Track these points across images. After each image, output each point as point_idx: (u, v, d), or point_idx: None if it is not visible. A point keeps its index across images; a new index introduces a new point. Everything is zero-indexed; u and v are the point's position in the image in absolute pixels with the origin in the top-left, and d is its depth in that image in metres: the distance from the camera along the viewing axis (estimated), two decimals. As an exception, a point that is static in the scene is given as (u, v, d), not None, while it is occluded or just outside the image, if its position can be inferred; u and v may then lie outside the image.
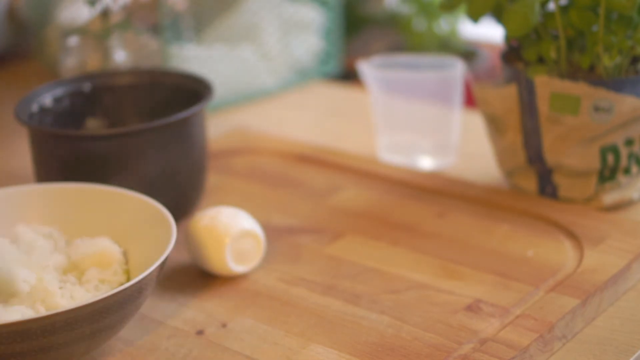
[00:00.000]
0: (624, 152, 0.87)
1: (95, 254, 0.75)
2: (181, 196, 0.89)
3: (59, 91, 0.94)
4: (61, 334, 0.64)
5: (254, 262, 0.81)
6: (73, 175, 0.85)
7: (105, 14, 1.12)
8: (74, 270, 0.75)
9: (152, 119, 0.94)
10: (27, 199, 0.80)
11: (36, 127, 0.87)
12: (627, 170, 0.88)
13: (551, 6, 0.87)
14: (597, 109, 0.85)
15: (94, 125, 0.96)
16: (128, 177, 0.85)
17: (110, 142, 0.85)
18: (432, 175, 0.97)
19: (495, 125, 0.92)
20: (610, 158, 0.87)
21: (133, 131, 0.85)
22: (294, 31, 1.28)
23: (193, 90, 0.93)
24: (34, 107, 0.90)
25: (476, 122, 1.06)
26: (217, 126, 1.13)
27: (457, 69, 0.99)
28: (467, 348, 0.70)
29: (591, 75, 0.86)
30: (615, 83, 0.84)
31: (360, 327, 0.73)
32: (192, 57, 1.17)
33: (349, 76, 1.39)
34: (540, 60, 0.89)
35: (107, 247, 0.75)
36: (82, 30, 1.16)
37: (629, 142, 0.87)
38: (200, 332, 0.74)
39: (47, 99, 0.92)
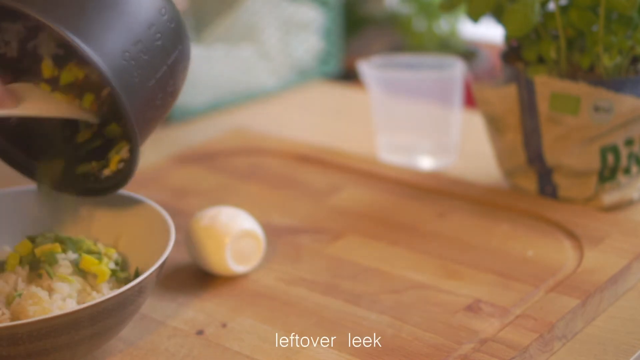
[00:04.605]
0: (624, 152, 0.87)
1: None
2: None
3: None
4: (63, 336, 0.64)
5: (254, 262, 0.81)
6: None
7: (105, 14, 1.12)
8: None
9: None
10: (24, 200, 0.80)
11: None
12: (627, 170, 0.88)
13: (551, 6, 0.87)
14: (597, 109, 0.85)
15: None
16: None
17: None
18: (432, 175, 0.97)
19: (495, 125, 0.92)
20: (610, 158, 0.87)
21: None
22: (294, 31, 1.27)
23: None
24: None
25: (476, 122, 1.06)
26: (217, 126, 1.13)
27: (457, 69, 0.99)
28: (467, 348, 0.70)
29: (591, 75, 0.86)
30: (615, 83, 0.84)
31: (360, 327, 0.73)
32: (192, 57, 1.17)
33: (349, 76, 1.39)
34: (540, 60, 0.89)
35: None
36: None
37: (629, 142, 0.87)
38: (200, 332, 0.74)
39: (47, 99, 0.92)
